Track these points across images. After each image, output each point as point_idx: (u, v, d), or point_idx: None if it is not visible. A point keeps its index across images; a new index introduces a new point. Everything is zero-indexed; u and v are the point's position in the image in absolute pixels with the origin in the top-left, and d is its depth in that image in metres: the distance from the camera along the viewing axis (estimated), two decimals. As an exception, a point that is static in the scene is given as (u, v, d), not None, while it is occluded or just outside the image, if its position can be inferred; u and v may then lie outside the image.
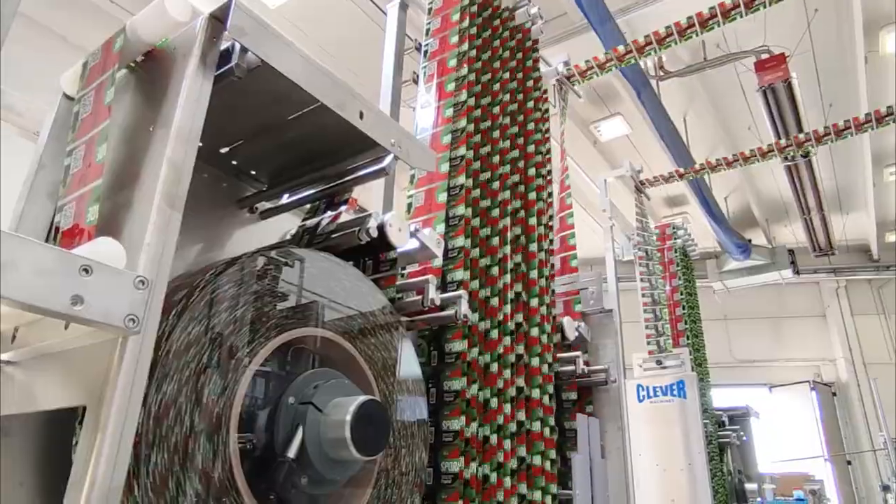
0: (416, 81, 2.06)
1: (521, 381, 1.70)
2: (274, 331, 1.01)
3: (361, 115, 1.12)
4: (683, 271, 4.79)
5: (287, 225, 1.44)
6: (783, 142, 4.57)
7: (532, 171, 2.09)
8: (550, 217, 2.19)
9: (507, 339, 1.66)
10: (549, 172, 2.25)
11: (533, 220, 2.01)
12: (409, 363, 1.30)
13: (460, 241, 1.60)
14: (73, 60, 1.03)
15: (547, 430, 1.76)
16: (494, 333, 1.62)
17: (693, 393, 3.52)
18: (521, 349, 1.74)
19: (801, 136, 4.48)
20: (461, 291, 1.49)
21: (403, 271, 1.58)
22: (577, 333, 2.23)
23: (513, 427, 1.59)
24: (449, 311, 1.45)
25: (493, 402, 1.54)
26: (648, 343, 4.02)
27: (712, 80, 6.99)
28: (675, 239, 4.87)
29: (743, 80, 6.75)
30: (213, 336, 0.90)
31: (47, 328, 0.76)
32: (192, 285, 0.91)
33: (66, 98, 1.02)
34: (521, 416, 1.67)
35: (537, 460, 1.67)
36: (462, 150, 1.72)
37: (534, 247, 1.97)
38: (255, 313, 0.98)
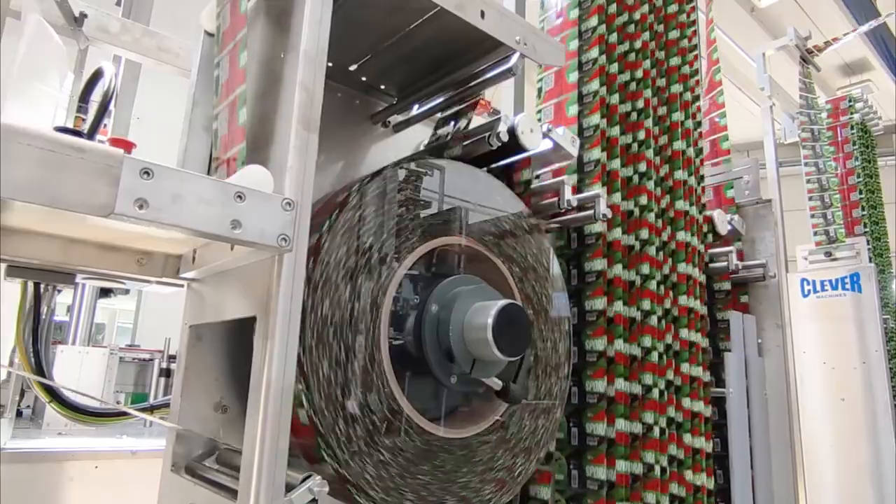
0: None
1: (668, 302, 1.63)
2: (417, 239, 1.06)
3: (483, 15, 1.08)
4: (862, 150, 4.17)
5: (420, 136, 1.46)
6: None
7: (675, 34, 1.89)
8: (697, 97, 1.99)
9: (653, 250, 1.58)
10: (696, 46, 2.03)
11: (677, 88, 1.84)
12: (548, 264, 1.31)
13: (595, 119, 1.53)
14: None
15: (700, 340, 1.70)
16: (638, 246, 1.54)
17: (870, 286, 3.17)
18: (667, 269, 1.65)
19: None
20: (598, 190, 1.43)
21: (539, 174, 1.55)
22: (729, 227, 2.07)
23: (661, 346, 1.54)
24: (587, 212, 1.42)
25: (639, 320, 1.49)
26: (815, 233, 3.64)
27: None
28: (852, 114, 4.22)
29: None
30: (363, 245, 0.97)
31: (218, 250, 0.86)
32: (338, 201, 0.98)
33: (207, 35, 1.08)
34: (669, 338, 1.61)
35: (687, 369, 1.62)
36: (594, 21, 1.60)
37: (677, 115, 1.81)
38: (398, 224, 1.04)
